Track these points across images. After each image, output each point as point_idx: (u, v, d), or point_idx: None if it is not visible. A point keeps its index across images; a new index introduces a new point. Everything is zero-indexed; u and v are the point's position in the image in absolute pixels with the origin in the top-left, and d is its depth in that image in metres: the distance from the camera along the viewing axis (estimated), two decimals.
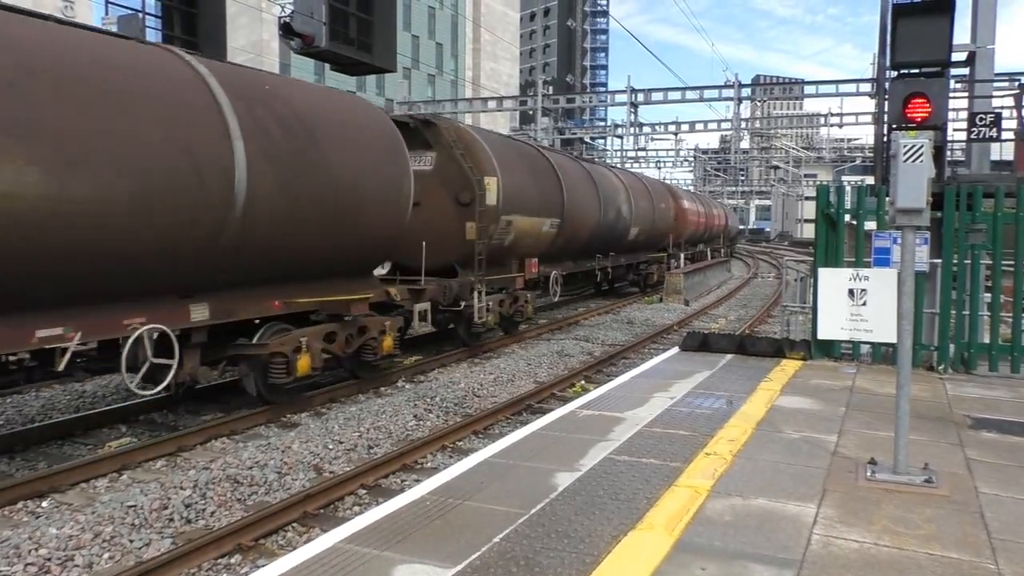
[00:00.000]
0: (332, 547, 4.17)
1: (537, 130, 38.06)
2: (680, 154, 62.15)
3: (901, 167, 5.16)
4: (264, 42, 55.48)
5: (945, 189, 9.08)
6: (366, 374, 11.09)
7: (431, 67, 71.23)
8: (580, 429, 6.51)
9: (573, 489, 5.03)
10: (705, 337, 10.49)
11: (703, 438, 6.22)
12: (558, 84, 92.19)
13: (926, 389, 8.12)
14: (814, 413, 7.09)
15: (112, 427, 8.92)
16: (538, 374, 12.30)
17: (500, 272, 14.55)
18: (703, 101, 32.35)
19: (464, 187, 13.18)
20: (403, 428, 8.98)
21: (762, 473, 5.38)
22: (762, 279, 34.91)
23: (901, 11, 9.43)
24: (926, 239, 8.84)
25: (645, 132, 42.48)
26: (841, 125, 42.26)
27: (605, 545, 4.16)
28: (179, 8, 10.66)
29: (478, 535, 4.29)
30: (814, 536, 4.32)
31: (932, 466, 5.39)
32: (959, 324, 9.03)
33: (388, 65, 12.00)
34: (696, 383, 8.34)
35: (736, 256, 51.44)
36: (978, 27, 12.00)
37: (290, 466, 7.39)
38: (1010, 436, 6.42)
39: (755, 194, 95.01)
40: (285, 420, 9.36)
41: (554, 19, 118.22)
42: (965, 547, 4.20)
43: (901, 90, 9.34)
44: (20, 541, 5.49)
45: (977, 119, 12.38)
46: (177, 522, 6.13)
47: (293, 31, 10.63)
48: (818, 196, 9.67)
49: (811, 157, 71.53)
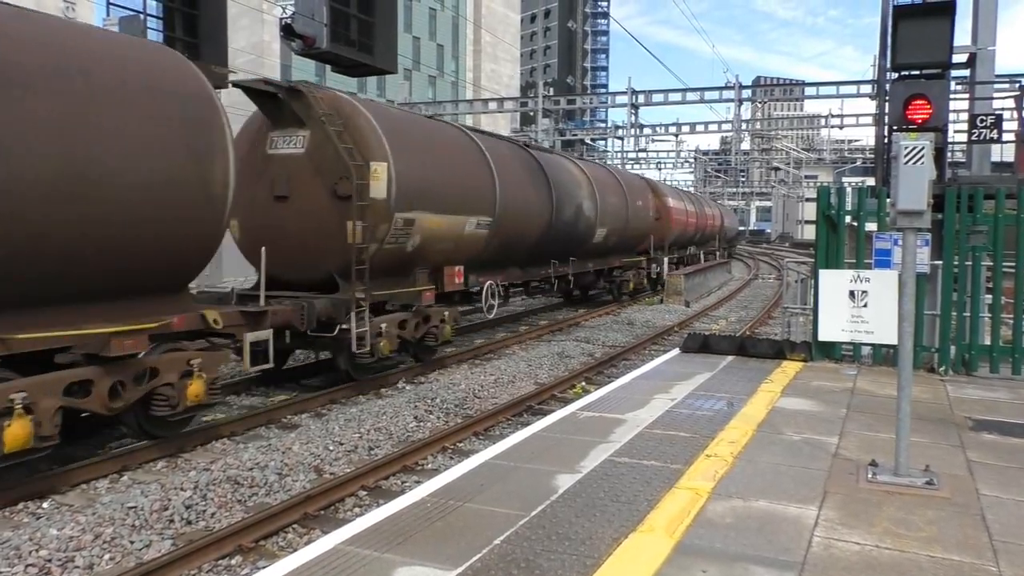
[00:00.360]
0: (333, 548, 4.16)
1: (538, 131, 38.07)
2: (681, 155, 62.17)
3: (902, 169, 5.16)
4: (265, 43, 55.50)
5: (946, 191, 9.08)
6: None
7: (432, 68, 71.25)
8: (581, 431, 6.50)
9: (574, 491, 5.02)
10: (706, 339, 10.49)
11: (704, 440, 6.21)
12: (559, 85, 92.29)
13: (927, 391, 8.11)
14: (815, 415, 7.08)
15: (113, 428, 8.92)
16: (539, 375, 12.30)
17: (403, 285, 11.66)
18: (704, 102, 32.35)
19: (343, 176, 10.28)
20: (404, 429, 8.97)
21: (763, 475, 5.38)
22: (762, 280, 34.90)
23: (902, 13, 9.42)
24: (927, 241, 8.84)
25: (646, 133, 42.47)
26: (842, 127, 42.33)
27: (606, 547, 4.15)
28: (180, 9, 10.65)
29: (479, 537, 4.28)
30: (815, 538, 4.31)
31: (933, 468, 5.38)
32: (960, 326, 9.02)
33: (389, 67, 11.99)
34: (697, 385, 8.33)
35: (736, 257, 51.40)
36: (979, 29, 11.98)
37: (290, 467, 7.39)
38: (1011, 438, 6.42)
39: (756, 195, 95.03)
40: (285, 421, 9.36)
41: (555, 21, 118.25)
42: (966, 549, 4.19)
43: (902, 92, 9.32)
44: (21, 542, 5.49)
45: (978, 121, 12.35)
46: (177, 523, 6.13)
47: (294, 32, 10.62)
48: (819, 197, 9.67)
49: (812, 158, 71.53)
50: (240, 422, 8.95)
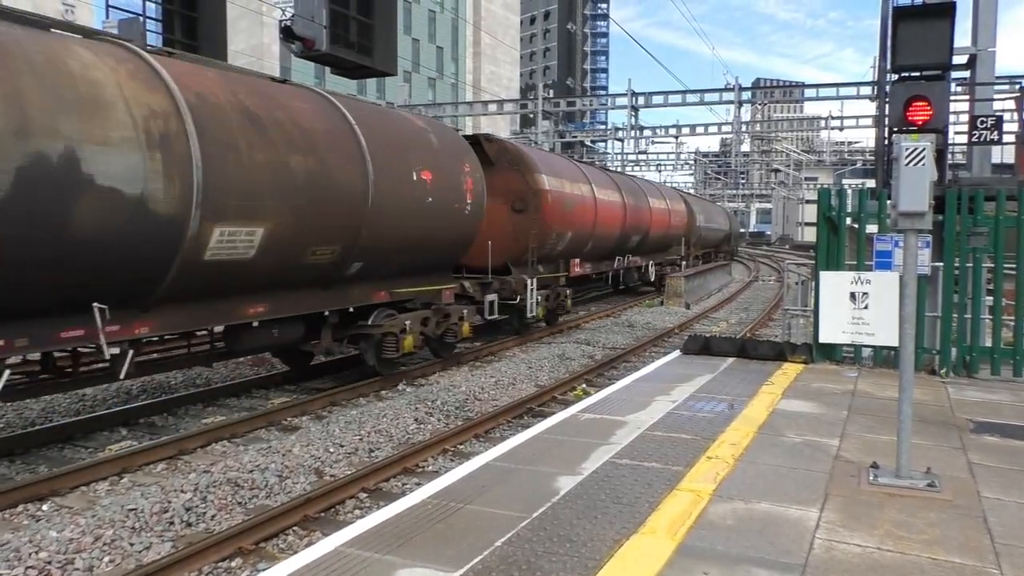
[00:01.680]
0: (333, 551, 4.15)
1: (538, 133, 38.10)
2: (681, 157, 62.24)
3: (903, 170, 5.16)
4: (265, 46, 55.56)
5: (946, 192, 9.07)
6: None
7: (432, 71, 71.32)
8: (582, 433, 6.50)
9: (575, 493, 5.01)
10: (706, 340, 10.48)
11: (705, 442, 6.21)
12: (558, 87, 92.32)
13: (928, 393, 8.11)
14: (816, 417, 7.08)
15: (113, 430, 8.92)
16: (539, 377, 12.29)
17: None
18: (704, 104, 32.41)
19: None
20: (404, 432, 8.96)
21: (764, 477, 5.37)
22: (763, 282, 34.89)
23: (902, 14, 9.42)
24: (928, 242, 8.83)
25: (646, 135, 42.51)
26: (842, 128, 42.42)
27: (607, 549, 4.15)
28: (179, 12, 10.67)
29: (480, 539, 4.27)
30: (816, 540, 4.30)
31: (934, 470, 5.38)
32: (961, 328, 9.01)
33: (389, 69, 12.01)
34: (698, 387, 8.32)
35: (737, 260, 51.40)
36: (979, 30, 12.00)
37: (291, 469, 7.38)
38: (1012, 440, 6.41)
39: (756, 197, 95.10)
40: (286, 423, 9.35)
41: (554, 23, 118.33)
42: (968, 552, 4.19)
43: (902, 93, 9.32)
44: (20, 544, 5.48)
45: (978, 122, 12.37)
46: (177, 525, 6.12)
47: (294, 35, 10.64)
48: (819, 199, 9.66)
49: (812, 160, 71.59)
50: (240, 424, 8.94)
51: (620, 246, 22.43)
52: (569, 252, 18.34)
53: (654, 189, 28.37)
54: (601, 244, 20.34)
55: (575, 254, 18.74)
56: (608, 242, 21.01)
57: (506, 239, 15.52)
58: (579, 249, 18.82)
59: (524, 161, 16.12)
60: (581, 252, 19.05)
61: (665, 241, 27.63)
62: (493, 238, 14.78)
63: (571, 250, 18.36)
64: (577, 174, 19.16)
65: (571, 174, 18.52)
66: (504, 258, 15.46)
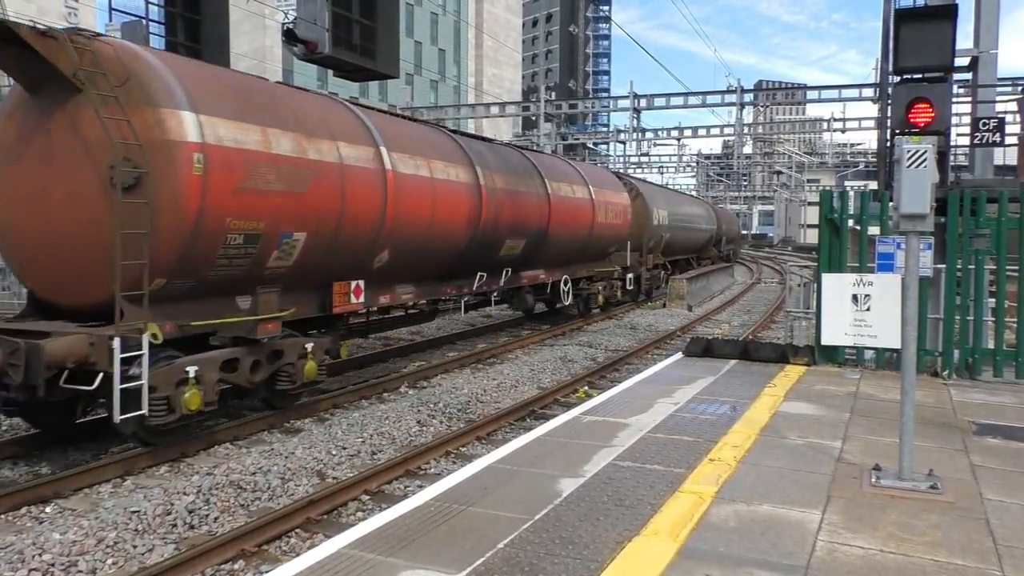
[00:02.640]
0: (336, 552, 4.16)
1: (540, 135, 38.12)
2: (683, 159, 62.25)
3: (905, 172, 5.16)
4: (267, 48, 55.65)
5: (949, 194, 9.07)
6: None
7: (434, 73, 71.39)
8: (584, 435, 6.50)
9: (577, 495, 5.02)
10: (708, 342, 10.48)
11: (707, 444, 6.21)
12: (561, 90, 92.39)
13: (930, 395, 8.10)
14: (818, 419, 7.07)
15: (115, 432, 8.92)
16: (541, 380, 12.29)
17: None
18: (706, 106, 32.45)
19: None
20: (406, 434, 8.97)
21: (766, 479, 5.37)
22: (765, 284, 34.86)
23: (904, 16, 9.43)
24: (930, 244, 8.83)
25: (648, 137, 42.53)
26: (844, 130, 42.39)
27: (609, 551, 4.15)
28: (182, 15, 10.69)
29: (482, 541, 4.28)
30: (819, 542, 4.30)
31: (937, 472, 5.38)
32: (963, 329, 9.01)
33: (391, 71, 12.02)
34: (700, 389, 8.33)
35: (739, 262, 51.36)
36: (981, 32, 12.00)
37: (293, 472, 7.39)
38: (1015, 442, 6.40)
39: (758, 199, 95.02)
40: (288, 426, 9.36)
41: (556, 25, 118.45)
42: (970, 554, 4.18)
43: (904, 95, 9.32)
44: (24, 546, 5.49)
45: (980, 124, 12.38)
46: (180, 528, 6.13)
47: (296, 37, 10.65)
48: (821, 201, 9.66)
49: (814, 162, 71.53)
50: (243, 427, 8.95)
51: (485, 254, 13.42)
52: (317, 274, 9.41)
53: (563, 168, 17.66)
54: (424, 251, 11.37)
55: (343, 275, 9.89)
56: (446, 247, 12.00)
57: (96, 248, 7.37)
58: (364, 264, 10.16)
59: (137, 79, 7.23)
60: (369, 269, 10.33)
61: (587, 245, 18.06)
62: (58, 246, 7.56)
63: (314, 269, 9.24)
64: (314, 122, 9.05)
65: (282, 118, 8.51)
66: (101, 287, 7.32)
